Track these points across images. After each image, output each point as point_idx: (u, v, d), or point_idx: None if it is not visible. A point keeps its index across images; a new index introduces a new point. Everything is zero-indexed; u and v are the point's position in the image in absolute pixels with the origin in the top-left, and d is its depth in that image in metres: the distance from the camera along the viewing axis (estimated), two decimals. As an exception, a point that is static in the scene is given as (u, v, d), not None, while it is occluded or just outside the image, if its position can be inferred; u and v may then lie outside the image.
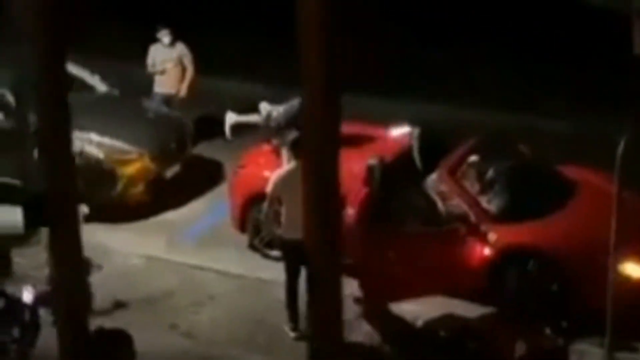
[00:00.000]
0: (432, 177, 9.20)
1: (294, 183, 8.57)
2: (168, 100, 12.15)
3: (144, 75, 12.36)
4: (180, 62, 12.09)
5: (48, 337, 7.09)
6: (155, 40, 12.09)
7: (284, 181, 8.66)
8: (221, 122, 12.04)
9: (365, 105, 12.57)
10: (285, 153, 9.85)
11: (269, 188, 8.82)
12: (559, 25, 13.95)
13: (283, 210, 8.69)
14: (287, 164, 9.63)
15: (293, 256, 8.70)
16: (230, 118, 11.71)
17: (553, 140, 11.53)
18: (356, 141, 10.26)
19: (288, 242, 8.66)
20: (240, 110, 11.89)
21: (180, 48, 12.11)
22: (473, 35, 14.03)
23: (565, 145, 11.29)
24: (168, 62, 12.06)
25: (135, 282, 9.73)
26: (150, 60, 12.11)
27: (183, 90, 12.13)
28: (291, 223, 8.59)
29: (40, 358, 7.75)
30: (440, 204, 9.04)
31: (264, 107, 10.89)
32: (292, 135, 9.66)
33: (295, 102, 10.15)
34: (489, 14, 14.29)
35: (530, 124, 12.10)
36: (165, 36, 12.01)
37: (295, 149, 8.77)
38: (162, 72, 12.10)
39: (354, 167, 9.54)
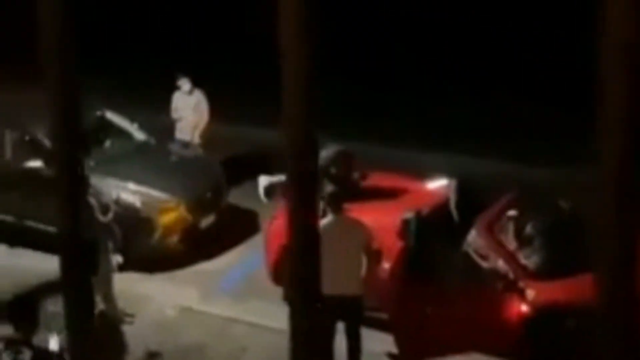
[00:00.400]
0: (472, 233, 9.09)
1: (331, 237, 8.50)
2: (187, 146, 12.39)
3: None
4: (197, 109, 12.36)
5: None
6: (176, 87, 12.43)
7: (321, 234, 8.56)
8: (248, 166, 12.14)
9: (403, 158, 12.56)
10: (319, 205, 9.79)
11: None
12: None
13: (330, 266, 8.55)
14: (321, 215, 9.58)
15: (330, 312, 8.59)
16: (263, 181, 11.60)
17: (594, 195, 11.35)
18: (393, 193, 10.20)
19: (325, 298, 8.54)
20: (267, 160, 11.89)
21: (198, 95, 12.39)
22: (513, 91, 14.01)
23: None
24: (185, 109, 12.38)
25: (168, 332, 9.66)
26: (173, 107, 12.46)
27: (195, 138, 12.41)
28: (329, 278, 8.48)
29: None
30: (477, 259, 8.90)
31: None
32: (327, 187, 9.59)
33: (324, 154, 10.09)
34: (530, 69, 14.27)
35: (570, 179, 11.94)
36: (184, 84, 12.35)
37: (333, 202, 8.68)
38: (180, 119, 12.44)
39: (390, 219, 9.47)
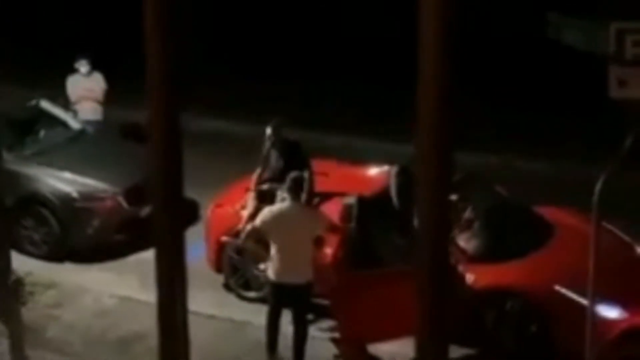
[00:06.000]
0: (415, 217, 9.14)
1: (286, 223, 8.45)
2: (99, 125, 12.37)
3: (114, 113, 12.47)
4: (95, 90, 12.42)
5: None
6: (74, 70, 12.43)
7: (277, 218, 8.50)
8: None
9: (345, 144, 12.65)
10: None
11: (257, 220, 8.67)
12: (535, 68, 14.13)
13: (273, 251, 8.52)
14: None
15: (280, 298, 8.56)
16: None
17: (531, 180, 11.57)
18: (336, 180, 10.21)
19: (277, 284, 8.50)
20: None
21: (96, 77, 12.44)
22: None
23: (543, 186, 11.31)
24: (83, 91, 12.36)
25: (107, 322, 9.55)
26: (69, 91, 12.37)
27: (99, 115, 12.46)
28: (281, 266, 8.43)
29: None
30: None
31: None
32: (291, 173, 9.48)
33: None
34: (469, 59, 14.48)
35: (508, 164, 12.15)
36: (83, 66, 12.35)
37: (294, 188, 8.60)
38: (78, 101, 12.36)
39: (332, 205, 9.50)
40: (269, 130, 9.94)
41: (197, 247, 10.34)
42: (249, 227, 9.03)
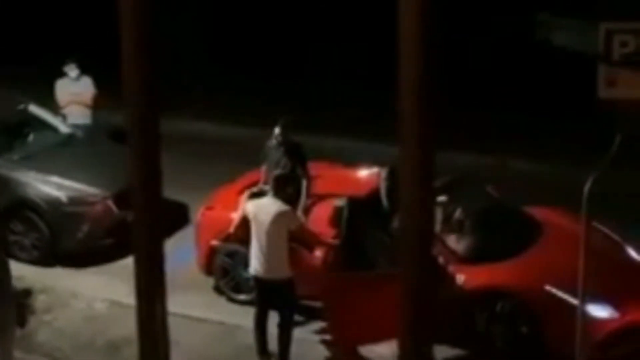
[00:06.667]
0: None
1: (261, 215, 8.45)
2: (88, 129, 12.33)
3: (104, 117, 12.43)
4: (84, 95, 12.34)
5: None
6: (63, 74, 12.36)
7: (254, 210, 8.50)
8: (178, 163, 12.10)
9: (335, 146, 12.65)
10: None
11: (244, 210, 8.71)
12: (531, 69, 14.19)
13: (252, 245, 8.53)
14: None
15: (262, 295, 8.58)
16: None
17: (526, 181, 11.59)
18: (328, 181, 10.21)
19: (256, 279, 8.54)
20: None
21: (85, 81, 12.35)
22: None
23: (539, 187, 11.34)
24: (72, 95, 12.31)
25: (97, 327, 9.52)
26: (58, 95, 12.31)
27: (88, 119, 12.38)
28: (258, 258, 8.45)
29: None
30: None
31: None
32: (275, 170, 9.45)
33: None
34: (458, 61, 14.53)
35: (503, 165, 12.19)
36: (72, 70, 12.28)
37: (279, 184, 8.60)
38: (67, 105, 12.30)
39: (322, 208, 9.49)
40: (277, 130, 9.87)
41: (187, 250, 10.35)
42: (237, 218, 9.07)
